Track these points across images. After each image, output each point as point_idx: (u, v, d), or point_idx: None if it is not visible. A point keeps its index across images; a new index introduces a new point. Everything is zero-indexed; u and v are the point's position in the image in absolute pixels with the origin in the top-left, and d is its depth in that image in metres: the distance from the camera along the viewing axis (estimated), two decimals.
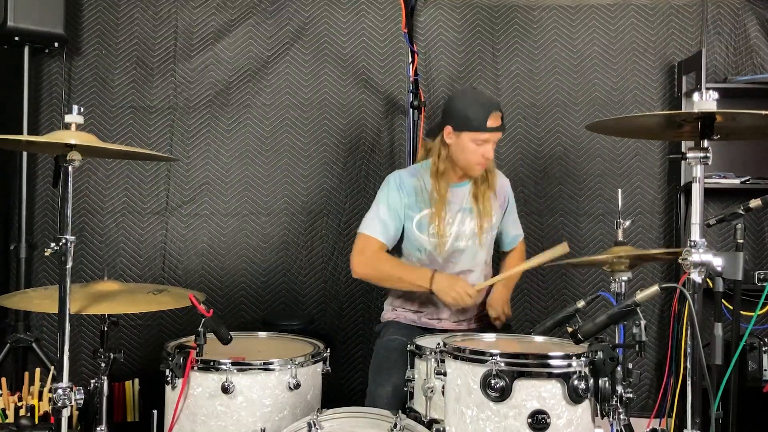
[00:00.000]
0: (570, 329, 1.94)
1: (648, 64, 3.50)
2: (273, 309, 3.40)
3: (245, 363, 2.04)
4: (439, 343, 2.00)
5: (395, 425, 1.85)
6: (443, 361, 1.96)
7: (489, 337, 2.29)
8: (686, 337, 1.94)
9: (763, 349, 3.03)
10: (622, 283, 2.35)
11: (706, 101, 1.76)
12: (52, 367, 2.93)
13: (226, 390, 2.00)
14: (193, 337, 1.97)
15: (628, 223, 2.41)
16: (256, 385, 2.04)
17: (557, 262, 2.56)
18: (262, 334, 2.48)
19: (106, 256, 3.35)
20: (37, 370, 2.99)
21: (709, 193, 3.32)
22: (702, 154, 1.79)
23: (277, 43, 3.48)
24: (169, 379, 2.08)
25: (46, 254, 1.80)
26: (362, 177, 3.46)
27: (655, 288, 1.83)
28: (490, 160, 2.54)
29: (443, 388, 1.97)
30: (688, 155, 1.81)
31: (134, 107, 3.41)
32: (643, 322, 1.82)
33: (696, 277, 1.78)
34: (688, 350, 1.83)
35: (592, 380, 1.87)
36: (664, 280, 3.38)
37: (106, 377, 2.04)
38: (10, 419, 2.68)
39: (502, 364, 1.84)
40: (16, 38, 3.05)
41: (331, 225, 3.46)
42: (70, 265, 1.80)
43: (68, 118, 1.83)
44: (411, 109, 3.24)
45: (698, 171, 1.81)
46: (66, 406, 1.80)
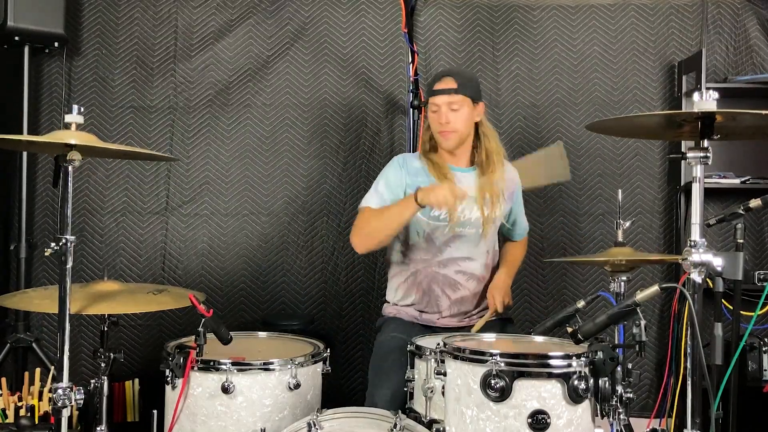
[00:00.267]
0: (570, 329, 1.94)
1: (648, 64, 3.50)
2: (273, 309, 3.40)
3: (245, 363, 2.04)
4: (439, 343, 2.00)
5: (395, 425, 1.85)
6: (443, 361, 1.96)
7: (489, 337, 2.29)
8: (686, 337, 1.94)
9: (763, 349, 3.04)
10: (622, 283, 2.35)
11: (706, 101, 1.76)
12: (52, 367, 2.93)
13: (226, 390, 1.99)
14: (193, 337, 1.97)
15: (628, 224, 2.41)
16: (256, 385, 2.04)
17: (555, 259, 2.55)
18: (262, 334, 2.48)
19: (106, 256, 3.35)
20: (37, 370, 2.99)
21: (709, 193, 3.32)
22: (702, 154, 1.79)
23: (277, 43, 3.48)
24: (169, 379, 2.07)
25: (46, 254, 1.79)
26: (362, 177, 3.46)
27: (655, 288, 1.83)
28: (448, 127, 2.50)
29: (443, 388, 1.97)
30: (688, 155, 1.81)
31: (134, 107, 3.41)
32: (643, 322, 1.82)
33: (696, 277, 1.78)
34: (688, 350, 1.83)
35: (592, 380, 1.87)
36: (664, 280, 3.38)
37: (106, 377, 2.04)
38: (10, 419, 2.68)
39: (502, 364, 1.84)
40: (16, 38, 3.05)
41: (331, 225, 3.46)
42: (70, 265, 1.80)
43: (68, 118, 1.83)
44: (411, 109, 3.25)
45: (698, 171, 1.81)
46: (66, 406, 1.80)
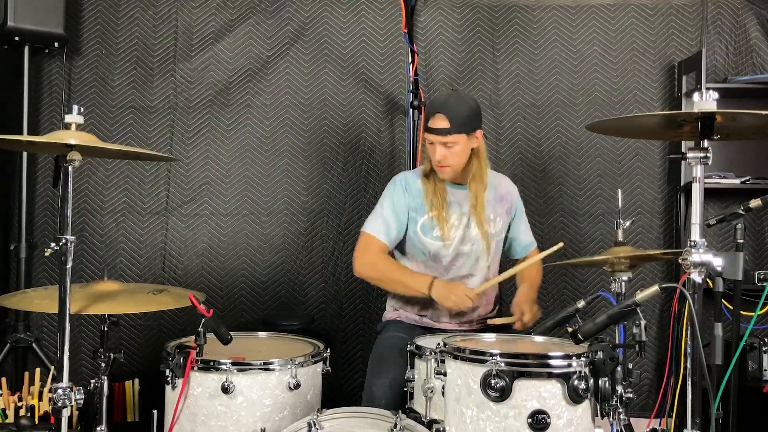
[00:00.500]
0: (570, 329, 1.94)
1: (648, 64, 3.50)
2: (273, 309, 3.40)
3: (245, 363, 2.04)
4: (439, 343, 2.00)
5: (395, 425, 1.85)
6: (443, 361, 1.96)
7: (489, 337, 2.29)
8: (686, 337, 1.94)
9: (763, 349, 3.04)
10: (622, 283, 2.35)
11: (706, 101, 1.76)
12: (52, 367, 2.93)
13: (226, 390, 2.00)
14: (193, 337, 1.97)
15: (628, 224, 2.41)
16: (256, 385, 2.04)
17: (556, 262, 2.56)
18: (262, 334, 2.48)
19: (106, 256, 3.35)
20: (37, 370, 2.99)
21: (709, 193, 3.32)
22: (702, 154, 1.79)
23: (277, 43, 3.48)
24: (169, 379, 2.08)
25: (46, 254, 1.79)
26: (362, 177, 3.46)
27: (655, 288, 1.83)
28: (442, 163, 2.48)
29: (443, 388, 1.97)
30: (688, 155, 1.81)
31: (134, 107, 3.41)
32: (643, 322, 1.82)
33: (696, 277, 1.78)
34: (688, 350, 1.83)
35: (592, 380, 1.87)
36: (664, 280, 3.38)
37: (106, 377, 2.04)
38: (10, 419, 2.68)
39: (502, 364, 1.84)
40: (16, 38, 3.05)
41: (331, 225, 3.45)
42: (70, 265, 1.79)
43: (68, 118, 1.83)
44: (411, 109, 3.24)
45: (698, 171, 1.80)
46: (66, 406, 1.80)
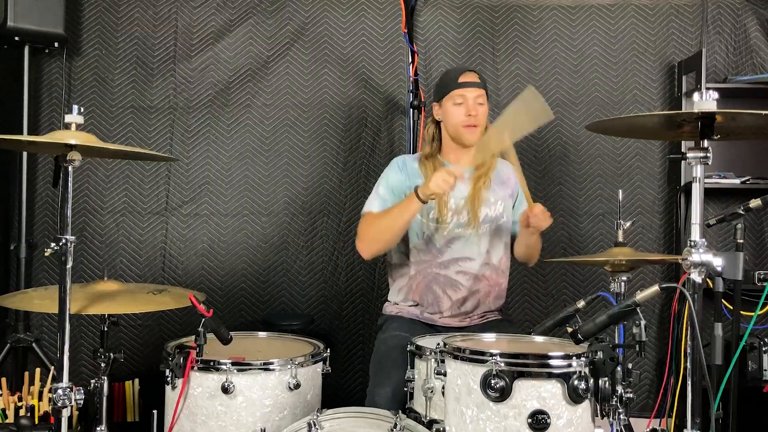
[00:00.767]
0: (570, 329, 1.94)
1: (648, 64, 3.50)
2: (273, 309, 3.40)
3: (245, 363, 2.04)
4: (439, 344, 2.00)
5: (395, 425, 1.85)
6: (443, 361, 1.96)
7: (489, 337, 2.29)
8: (686, 337, 1.94)
9: (763, 349, 3.03)
10: (622, 283, 2.35)
11: (706, 101, 1.76)
12: (52, 367, 2.93)
13: (226, 390, 2.00)
14: (193, 337, 1.97)
15: (628, 224, 2.41)
16: (256, 385, 2.04)
17: (556, 258, 2.55)
18: (262, 334, 2.48)
19: (106, 256, 3.35)
20: (37, 370, 2.99)
21: (709, 193, 3.32)
22: (702, 154, 1.79)
23: (277, 43, 3.48)
24: (169, 379, 2.08)
25: (46, 254, 1.79)
26: (362, 177, 3.46)
27: (655, 288, 1.83)
28: (476, 119, 2.50)
29: (443, 388, 1.97)
30: (688, 155, 1.81)
31: (134, 107, 3.41)
32: (643, 322, 1.82)
33: (696, 277, 1.78)
34: (688, 350, 1.83)
35: (592, 380, 1.87)
36: (664, 280, 3.38)
37: (106, 377, 2.04)
38: (10, 419, 2.68)
39: (502, 364, 1.84)
40: (16, 38, 3.05)
41: (331, 225, 3.45)
42: (70, 265, 1.79)
43: (68, 118, 1.83)
44: (411, 109, 3.24)
45: (698, 171, 1.80)
46: (66, 406, 1.80)
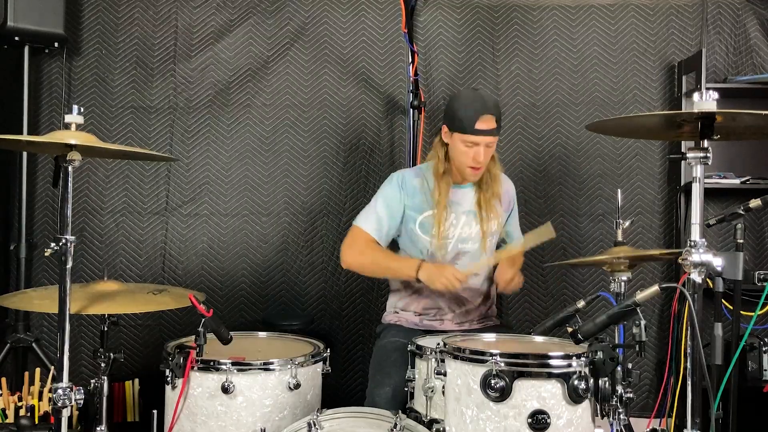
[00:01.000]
0: (570, 329, 1.94)
1: (648, 64, 3.49)
2: (273, 309, 3.40)
3: (245, 363, 2.04)
4: (439, 343, 2.00)
5: (395, 425, 1.85)
6: (443, 361, 1.97)
7: (489, 337, 2.29)
8: (686, 337, 1.93)
9: (763, 349, 3.03)
10: (622, 283, 2.35)
11: (706, 101, 1.76)
12: (52, 367, 2.93)
13: (226, 390, 2.00)
14: (193, 337, 1.97)
15: (627, 224, 2.41)
16: (256, 385, 2.04)
17: (556, 262, 2.56)
18: (262, 334, 2.48)
19: (106, 256, 3.34)
20: (37, 370, 2.99)
21: (709, 193, 3.32)
22: (702, 154, 1.79)
23: (277, 43, 3.48)
24: (169, 379, 2.08)
25: (46, 254, 1.80)
26: (362, 177, 3.46)
27: (655, 288, 1.83)
28: (482, 164, 2.49)
29: (443, 388, 1.97)
30: (688, 155, 1.81)
31: (134, 107, 3.41)
32: (643, 322, 1.82)
33: (696, 277, 1.78)
34: (688, 350, 1.83)
35: (592, 380, 1.87)
36: (664, 280, 3.38)
37: (106, 377, 2.04)
38: (10, 419, 2.68)
39: (502, 364, 1.84)
40: (16, 38, 3.05)
41: (331, 225, 3.45)
42: (70, 265, 1.80)
43: (68, 118, 1.84)
44: (411, 109, 3.24)
45: (698, 171, 1.81)
46: (66, 406, 1.80)
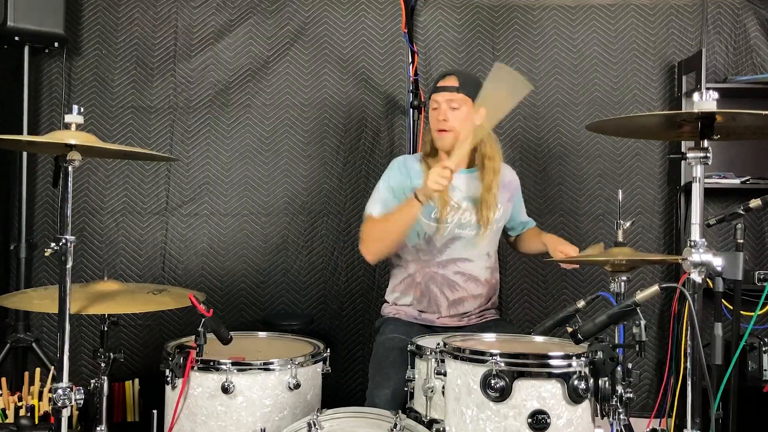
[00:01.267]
0: (570, 329, 1.94)
1: (648, 64, 3.49)
2: (273, 309, 3.40)
3: (245, 363, 2.04)
4: (439, 343, 2.00)
5: (395, 425, 1.85)
6: (443, 361, 1.96)
7: (489, 337, 2.29)
8: (686, 337, 1.94)
9: (763, 349, 3.03)
10: (622, 283, 2.34)
11: (706, 101, 1.76)
12: (52, 367, 2.93)
13: (226, 390, 2.00)
14: (193, 337, 1.97)
15: (628, 224, 2.41)
16: (256, 385, 2.04)
17: (555, 259, 2.56)
18: (262, 334, 2.48)
19: (106, 256, 3.35)
20: (37, 370, 2.99)
21: (709, 193, 3.32)
22: (702, 154, 1.79)
23: (277, 43, 3.48)
24: (169, 379, 2.08)
25: (46, 254, 1.79)
26: (362, 177, 3.46)
27: (655, 288, 1.83)
28: (447, 126, 2.49)
29: (443, 388, 1.97)
30: (688, 155, 1.81)
31: (134, 107, 3.41)
32: (643, 322, 1.82)
33: (696, 277, 1.78)
34: (688, 350, 1.83)
35: (592, 380, 1.87)
36: (664, 280, 3.38)
37: (106, 377, 2.04)
38: (10, 419, 2.68)
39: (502, 364, 1.84)
40: (16, 38, 3.05)
41: (331, 225, 3.45)
42: (70, 265, 1.80)
43: (68, 118, 1.83)
44: (411, 109, 3.24)
45: (698, 171, 1.81)
46: (66, 406, 1.80)
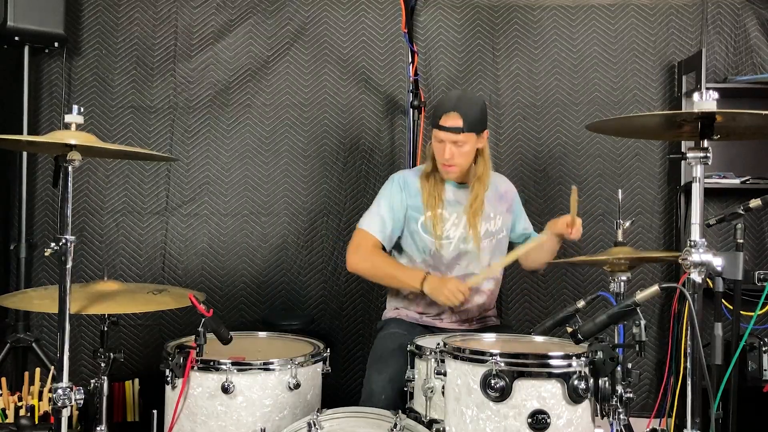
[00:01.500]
0: (570, 329, 1.95)
1: (648, 64, 3.49)
2: (273, 309, 3.40)
3: (245, 363, 2.04)
4: (439, 343, 2.00)
5: (395, 425, 1.85)
6: (443, 361, 1.96)
7: (489, 337, 2.29)
8: (686, 337, 1.94)
9: (763, 349, 3.03)
10: (622, 283, 2.35)
11: (706, 101, 1.76)
12: (52, 367, 2.93)
13: (226, 390, 2.00)
14: (193, 337, 1.97)
15: (628, 224, 2.41)
16: (256, 385, 2.04)
17: (557, 260, 2.56)
18: (262, 334, 2.48)
19: (106, 256, 3.34)
20: (37, 370, 2.99)
21: (709, 193, 3.32)
22: (702, 154, 1.79)
23: (277, 43, 3.48)
24: (169, 379, 2.08)
25: (46, 254, 1.79)
26: (362, 177, 3.46)
27: (655, 288, 1.83)
28: (452, 162, 2.49)
29: (443, 388, 1.97)
30: (688, 155, 1.81)
31: (134, 107, 3.41)
32: (643, 322, 1.82)
33: (696, 277, 1.78)
34: (688, 350, 1.83)
35: (592, 380, 1.87)
36: (664, 280, 3.38)
37: (106, 377, 2.04)
38: (10, 419, 2.68)
39: (502, 364, 1.84)
40: (16, 38, 3.05)
41: (331, 225, 3.45)
42: (70, 265, 1.80)
43: (68, 118, 1.84)
44: (411, 109, 3.24)
45: (698, 171, 1.81)
46: (66, 406, 1.80)
